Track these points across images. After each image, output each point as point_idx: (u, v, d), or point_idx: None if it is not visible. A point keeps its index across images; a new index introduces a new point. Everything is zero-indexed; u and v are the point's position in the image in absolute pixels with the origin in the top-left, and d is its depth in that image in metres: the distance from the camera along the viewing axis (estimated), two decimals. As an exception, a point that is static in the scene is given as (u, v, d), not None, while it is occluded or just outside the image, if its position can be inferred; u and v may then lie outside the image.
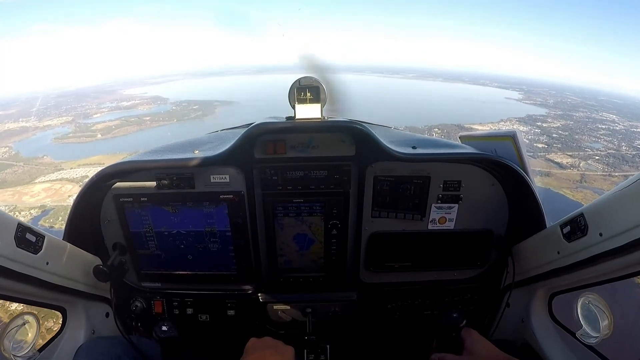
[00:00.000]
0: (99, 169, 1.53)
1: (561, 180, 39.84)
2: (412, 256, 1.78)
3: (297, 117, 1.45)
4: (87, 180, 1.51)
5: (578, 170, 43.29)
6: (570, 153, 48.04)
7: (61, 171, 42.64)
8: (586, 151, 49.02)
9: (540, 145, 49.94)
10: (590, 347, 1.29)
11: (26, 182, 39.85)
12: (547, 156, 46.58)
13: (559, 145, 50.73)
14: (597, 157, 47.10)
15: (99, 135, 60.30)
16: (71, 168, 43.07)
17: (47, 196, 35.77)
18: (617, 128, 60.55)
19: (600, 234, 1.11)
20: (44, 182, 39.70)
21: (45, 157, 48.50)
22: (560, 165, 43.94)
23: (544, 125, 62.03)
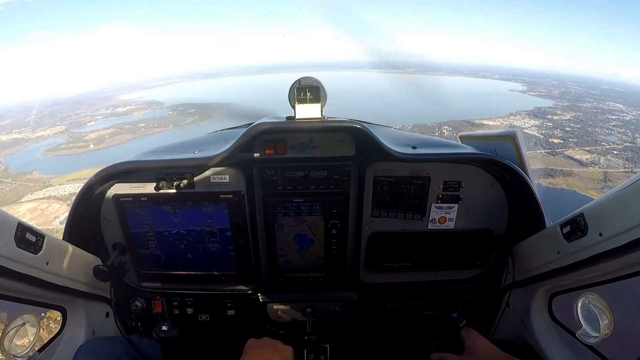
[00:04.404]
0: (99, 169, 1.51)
1: (585, 180, 38.88)
2: (412, 256, 1.78)
3: (297, 117, 1.44)
4: (87, 180, 1.51)
5: (599, 167, 42.45)
6: (588, 148, 47.24)
7: (49, 188, 41.21)
8: (603, 145, 48.22)
9: (556, 141, 49.28)
10: (590, 347, 1.29)
11: (12, 202, 38.06)
12: (565, 152, 45.87)
13: (574, 140, 49.94)
14: (615, 152, 46.25)
15: (92, 146, 58.67)
16: (60, 184, 41.63)
17: (33, 218, 33.26)
18: (627, 118, 59.74)
19: (600, 234, 1.11)
20: (30, 200, 38.19)
21: (34, 172, 46.89)
22: (581, 163, 43.21)
23: (555, 118, 61.12)
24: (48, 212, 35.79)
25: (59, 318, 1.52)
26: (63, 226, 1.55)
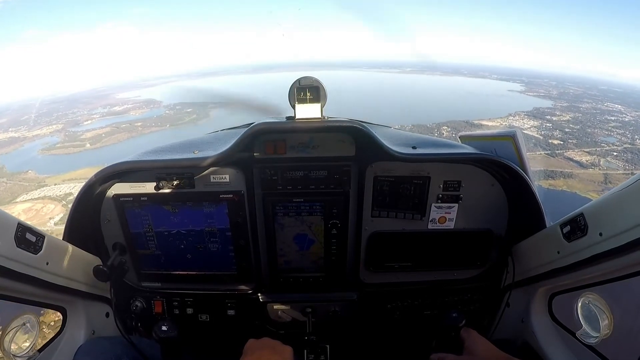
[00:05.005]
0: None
1: (585, 182, 38.82)
2: (412, 256, 1.78)
3: (297, 117, 1.44)
4: (87, 180, 1.51)
5: (599, 169, 42.43)
6: (588, 149, 47.26)
7: (44, 188, 40.67)
8: (602, 146, 48.30)
9: (555, 142, 49.31)
10: (590, 347, 1.29)
11: (7, 202, 37.39)
12: (565, 154, 45.89)
13: (574, 141, 49.96)
14: (614, 153, 46.22)
15: (88, 145, 57.86)
16: (55, 184, 41.08)
17: (27, 219, 32.14)
18: (626, 119, 59.67)
19: (600, 234, 1.11)
20: (25, 201, 37.62)
21: (29, 171, 46.16)
22: (581, 164, 43.19)
23: (554, 118, 60.84)
24: (43, 212, 35.27)
25: (53, 323, 1.50)
26: (57, 227, 1.55)
